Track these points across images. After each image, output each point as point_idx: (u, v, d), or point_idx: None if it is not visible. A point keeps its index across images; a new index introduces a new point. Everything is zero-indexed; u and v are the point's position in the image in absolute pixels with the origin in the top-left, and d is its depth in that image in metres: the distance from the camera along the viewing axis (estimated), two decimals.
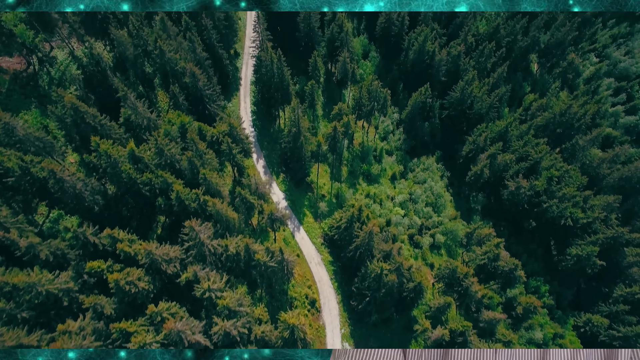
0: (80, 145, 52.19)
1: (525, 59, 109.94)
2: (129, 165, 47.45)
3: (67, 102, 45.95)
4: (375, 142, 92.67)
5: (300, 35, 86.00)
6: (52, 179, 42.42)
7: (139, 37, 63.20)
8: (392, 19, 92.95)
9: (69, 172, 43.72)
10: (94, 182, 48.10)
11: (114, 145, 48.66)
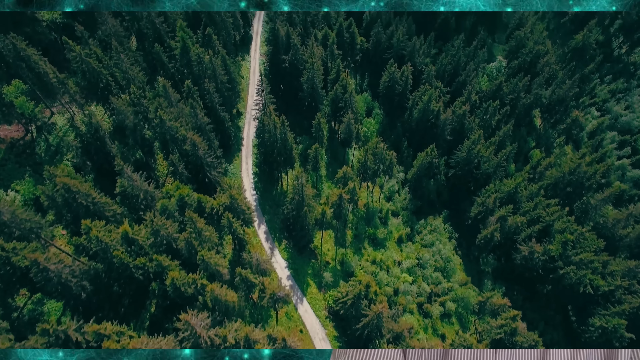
0: (71, 221, 49.04)
1: (528, 115, 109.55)
2: (122, 249, 44.06)
3: (59, 182, 43.30)
4: (380, 203, 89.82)
5: (303, 95, 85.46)
6: (35, 268, 38.90)
7: (139, 104, 61.85)
8: (395, 78, 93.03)
9: (55, 258, 40.23)
10: (82, 265, 44.46)
11: (107, 226, 45.52)
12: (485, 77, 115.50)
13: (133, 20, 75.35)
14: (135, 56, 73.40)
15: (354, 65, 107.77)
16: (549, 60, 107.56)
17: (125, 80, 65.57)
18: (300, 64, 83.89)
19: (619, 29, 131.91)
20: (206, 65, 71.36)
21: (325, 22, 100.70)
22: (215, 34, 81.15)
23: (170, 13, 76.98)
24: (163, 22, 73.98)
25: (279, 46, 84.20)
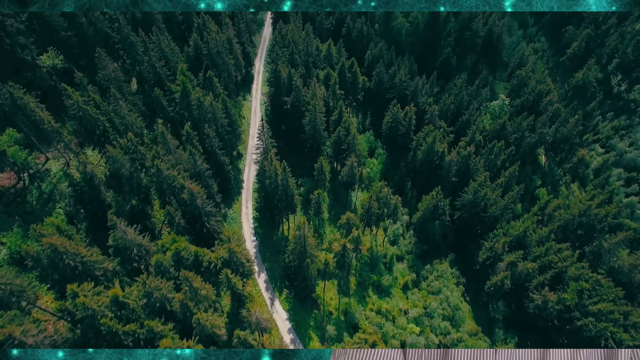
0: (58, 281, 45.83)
1: (533, 153, 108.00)
2: (111, 314, 40.71)
3: (46, 243, 40.49)
4: (384, 247, 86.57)
5: (305, 136, 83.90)
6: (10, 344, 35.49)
7: (136, 151, 59.88)
8: (398, 119, 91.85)
9: (34, 330, 36.86)
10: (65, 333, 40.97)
11: (96, 288, 42.34)
12: (488, 115, 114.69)
13: (134, 64, 74.67)
14: (135, 100, 72.27)
15: (356, 104, 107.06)
16: (552, 99, 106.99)
17: (124, 125, 63.95)
18: (302, 106, 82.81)
19: (617, 67, 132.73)
20: (206, 108, 70.02)
21: (327, 61, 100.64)
22: (217, 76, 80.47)
23: (171, 56, 76.42)
24: (164, 65, 73.28)
25: (280, 87, 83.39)
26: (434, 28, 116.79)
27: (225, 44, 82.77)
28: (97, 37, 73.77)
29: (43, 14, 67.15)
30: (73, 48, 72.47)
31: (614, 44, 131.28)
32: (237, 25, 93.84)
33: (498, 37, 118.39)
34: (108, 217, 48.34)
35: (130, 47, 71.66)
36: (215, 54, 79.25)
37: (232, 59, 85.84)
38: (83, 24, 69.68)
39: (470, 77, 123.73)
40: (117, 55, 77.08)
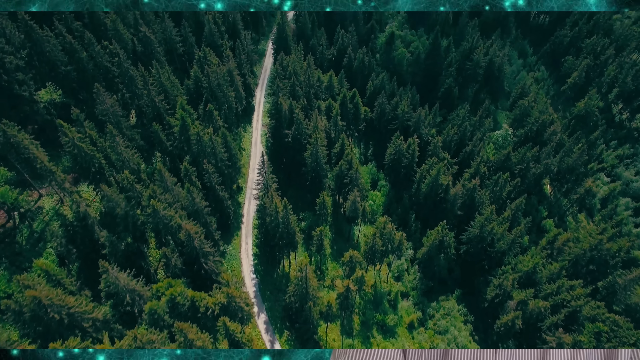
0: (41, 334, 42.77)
1: (538, 184, 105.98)
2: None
3: (28, 296, 37.79)
4: (389, 283, 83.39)
5: (307, 169, 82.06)
6: None
7: (132, 189, 57.81)
8: (401, 151, 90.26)
9: None
10: None
11: (82, 343, 39.28)
12: (491, 144, 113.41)
13: (133, 97, 73.58)
14: (133, 134, 70.77)
15: (358, 134, 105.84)
16: (556, 129, 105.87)
17: (120, 162, 62.11)
18: (303, 139, 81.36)
19: (617, 97, 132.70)
20: (205, 143, 68.40)
21: (328, 92, 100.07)
22: (217, 108, 79.37)
23: (171, 89, 75.47)
24: (163, 99, 72.17)
25: (281, 120, 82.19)
26: (435, 58, 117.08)
27: (226, 76, 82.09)
28: (97, 71, 73.04)
29: (44, 49, 66.50)
30: (72, 82, 71.57)
31: (613, 73, 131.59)
32: (239, 56, 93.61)
33: (499, 67, 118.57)
34: (99, 263, 45.68)
35: (129, 81, 70.71)
36: (216, 87, 78.37)
37: (233, 91, 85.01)
38: (83, 58, 68.96)
39: (472, 106, 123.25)
40: (117, 88, 76.17)
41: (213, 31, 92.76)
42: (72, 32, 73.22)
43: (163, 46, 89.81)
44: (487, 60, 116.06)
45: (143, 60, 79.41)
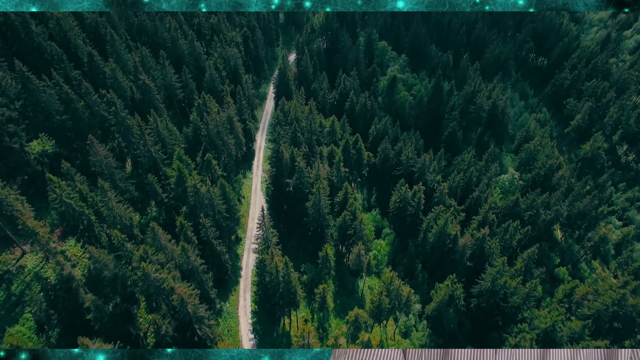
0: None
1: (548, 230, 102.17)
2: None
3: None
4: (395, 341, 77.65)
5: (308, 219, 78.38)
6: None
7: (122, 249, 53.92)
8: (407, 199, 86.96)
9: None
10: None
11: None
12: (497, 189, 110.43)
13: (129, 147, 71.09)
14: (127, 186, 67.63)
15: (361, 179, 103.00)
16: (564, 174, 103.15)
17: (112, 217, 58.56)
18: (305, 188, 78.26)
19: (622, 138, 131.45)
20: (203, 195, 65.15)
21: (330, 137, 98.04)
22: (216, 157, 76.83)
23: (168, 138, 73.14)
24: (160, 149, 69.62)
25: (282, 169, 79.42)
26: (438, 101, 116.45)
27: (226, 123, 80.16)
28: (94, 119, 70.95)
29: (40, 99, 64.63)
30: (67, 131, 69.23)
31: (615, 115, 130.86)
32: (239, 102, 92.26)
33: (502, 110, 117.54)
34: (78, 341, 41.13)
35: (126, 130, 68.48)
36: (215, 135, 76.17)
37: (233, 138, 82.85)
38: (78, 108, 66.97)
39: (477, 149, 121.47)
40: (113, 137, 73.92)
41: (214, 76, 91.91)
42: (71, 81, 71.82)
43: (163, 92, 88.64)
44: (490, 103, 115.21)
45: (141, 108, 77.69)
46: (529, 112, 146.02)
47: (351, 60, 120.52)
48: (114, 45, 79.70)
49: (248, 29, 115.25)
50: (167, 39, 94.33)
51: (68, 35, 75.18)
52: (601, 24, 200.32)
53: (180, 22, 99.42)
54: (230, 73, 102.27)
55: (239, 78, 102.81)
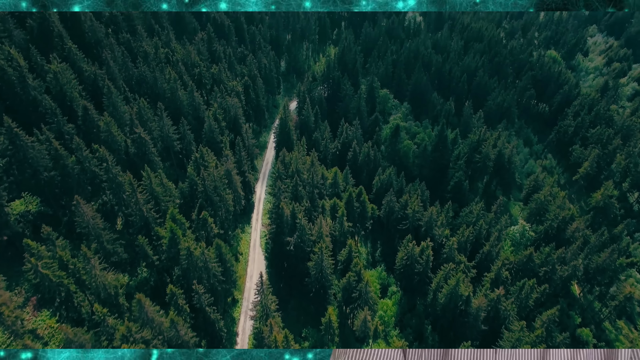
0: None
1: (565, 286, 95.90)
2: None
3: None
4: None
5: (310, 280, 72.84)
6: None
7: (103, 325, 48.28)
8: (414, 256, 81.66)
9: None
10: None
11: None
12: (507, 241, 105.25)
13: (120, 204, 66.95)
14: (115, 248, 62.79)
15: (365, 232, 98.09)
16: (579, 226, 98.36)
17: (94, 286, 53.29)
18: (307, 246, 73.39)
19: (632, 186, 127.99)
20: (197, 258, 60.20)
21: (333, 189, 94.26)
22: (212, 215, 72.54)
23: (162, 195, 69.16)
24: (152, 208, 65.43)
25: (282, 226, 74.88)
26: (442, 150, 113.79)
27: (224, 178, 76.56)
28: (84, 175, 67.33)
29: (27, 155, 61.34)
30: (55, 188, 65.39)
31: (624, 163, 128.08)
32: (239, 153, 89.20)
33: (509, 158, 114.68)
34: None
35: (117, 187, 64.61)
36: (212, 191, 72.26)
37: (231, 193, 78.89)
38: (68, 165, 63.51)
39: (483, 197, 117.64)
40: (103, 193, 70.01)
41: (213, 127, 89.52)
42: (63, 136, 68.97)
43: (160, 144, 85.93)
44: (496, 152, 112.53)
45: (136, 163, 74.42)
46: (534, 158, 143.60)
47: (353, 109, 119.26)
48: (110, 97, 77.66)
49: (249, 78, 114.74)
50: (167, 89, 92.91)
51: (64, 88, 73.23)
52: (597, 71, 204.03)
53: (180, 72, 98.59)
54: (230, 122, 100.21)
55: (239, 128, 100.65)
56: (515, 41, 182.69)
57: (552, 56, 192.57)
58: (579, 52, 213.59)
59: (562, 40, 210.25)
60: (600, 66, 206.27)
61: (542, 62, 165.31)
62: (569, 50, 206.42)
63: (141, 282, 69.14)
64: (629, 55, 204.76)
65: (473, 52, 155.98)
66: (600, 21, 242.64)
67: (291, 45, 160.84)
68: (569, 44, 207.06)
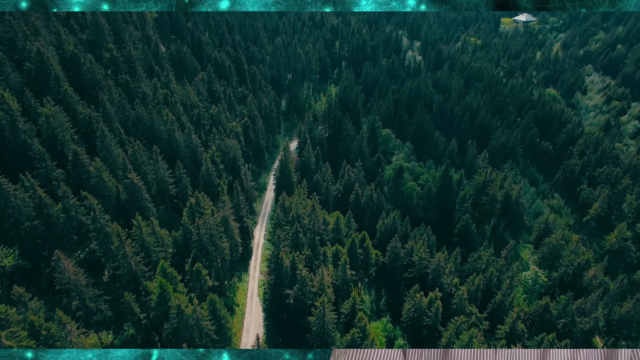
0: None
1: (587, 340, 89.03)
2: None
3: None
4: None
5: (311, 336, 66.97)
6: None
7: None
8: (421, 308, 75.98)
9: None
10: None
11: None
12: (520, 288, 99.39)
13: (107, 256, 62.35)
14: (99, 304, 57.56)
15: (368, 279, 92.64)
16: (597, 273, 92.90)
17: None
18: (308, 299, 68.05)
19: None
20: (188, 316, 54.93)
21: (335, 234, 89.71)
22: (207, 266, 67.72)
23: (153, 246, 64.67)
24: (141, 261, 60.77)
25: (282, 277, 69.84)
26: (447, 192, 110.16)
27: (220, 226, 72.30)
28: (69, 224, 63.14)
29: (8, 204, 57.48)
30: (37, 238, 61.05)
31: (635, 203, 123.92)
32: (236, 197, 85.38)
33: (516, 200, 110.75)
34: None
35: (104, 238, 60.30)
36: (207, 240, 67.84)
37: (227, 241, 74.37)
38: (52, 214, 59.50)
39: (491, 240, 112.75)
40: (90, 243, 65.55)
41: (210, 170, 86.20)
42: (51, 182, 65.46)
43: (155, 188, 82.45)
44: (503, 193, 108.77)
45: (127, 210, 70.45)
46: (541, 198, 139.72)
47: (355, 149, 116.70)
48: (104, 140, 74.85)
49: (249, 119, 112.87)
50: (164, 131, 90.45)
51: (56, 132, 70.52)
52: (597, 109, 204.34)
53: (178, 113, 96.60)
54: (229, 164, 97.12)
55: (237, 169, 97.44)
56: (515, 80, 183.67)
57: (552, 94, 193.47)
58: (578, 91, 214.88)
59: (561, 79, 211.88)
60: (599, 104, 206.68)
61: (544, 100, 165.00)
62: (567, 89, 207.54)
63: (127, 341, 63.39)
64: (626, 93, 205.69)
65: (474, 91, 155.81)
66: (595, 61, 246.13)
67: (292, 85, 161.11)
68: (567, 82, 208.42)
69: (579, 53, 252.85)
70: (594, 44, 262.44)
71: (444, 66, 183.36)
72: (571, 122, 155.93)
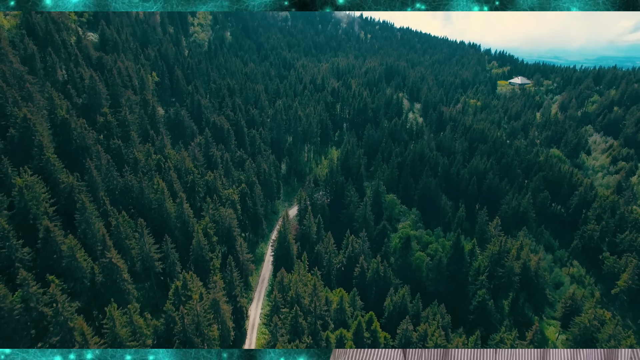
0: None
1: None
2: None
3: None
4: None
5: None
6: None
7: None
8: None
9: None
10: None
11: None
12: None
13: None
14: None
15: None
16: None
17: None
18: None
19: None
20: None
21: (338, 315, 79.64)
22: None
23: (127, 341, 55.04)
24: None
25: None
26: (460, 263, 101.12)
27: (209, 312, 62.98)
28: (27, 316, 53.96)
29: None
30: None
31: None
32: (230, 274, 76.56)
33: (536, 272, 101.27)
34: None
35: (69, 333, 51.00)
36: (193, 330, 58.26)
37: (218, 329, 64.59)
38: (6, 306, 50.74)
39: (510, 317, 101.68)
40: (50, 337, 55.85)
41: (202, 244, 78.30)
42: (13, 264, 57.42)
43: (139, 264, 74.13)
44: (520, 264, 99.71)
45: (102, 294, 61.68)
46: (559, 266, 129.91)
47: (359, 217, 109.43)
48: (84, 213, 67.88)
49: (247, 185, 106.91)
50: (153, 200, 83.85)
51: (29, 205, 63.74)
52: (604, 169, 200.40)
53: (171, 180, 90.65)
54: (223, 235, 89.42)
55: (232, 241, 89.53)
56: (519, 141, 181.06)
57: (557, 155, 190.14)
58: (582, 151, 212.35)
59: (564, 139, 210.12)
60: (606, 165, 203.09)
61: (551, 162, 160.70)
62: (572, 149, 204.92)
63: None
64: (632, 154, 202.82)
65: (480, 153, 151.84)
66: (595, 122, 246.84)
67: (292, 148, 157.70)
68: (571, 143, 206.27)
69: (577, 114, 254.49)
70: (590, 106, 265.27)
71: (446, 128, 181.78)
72: (582, 184, 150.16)
